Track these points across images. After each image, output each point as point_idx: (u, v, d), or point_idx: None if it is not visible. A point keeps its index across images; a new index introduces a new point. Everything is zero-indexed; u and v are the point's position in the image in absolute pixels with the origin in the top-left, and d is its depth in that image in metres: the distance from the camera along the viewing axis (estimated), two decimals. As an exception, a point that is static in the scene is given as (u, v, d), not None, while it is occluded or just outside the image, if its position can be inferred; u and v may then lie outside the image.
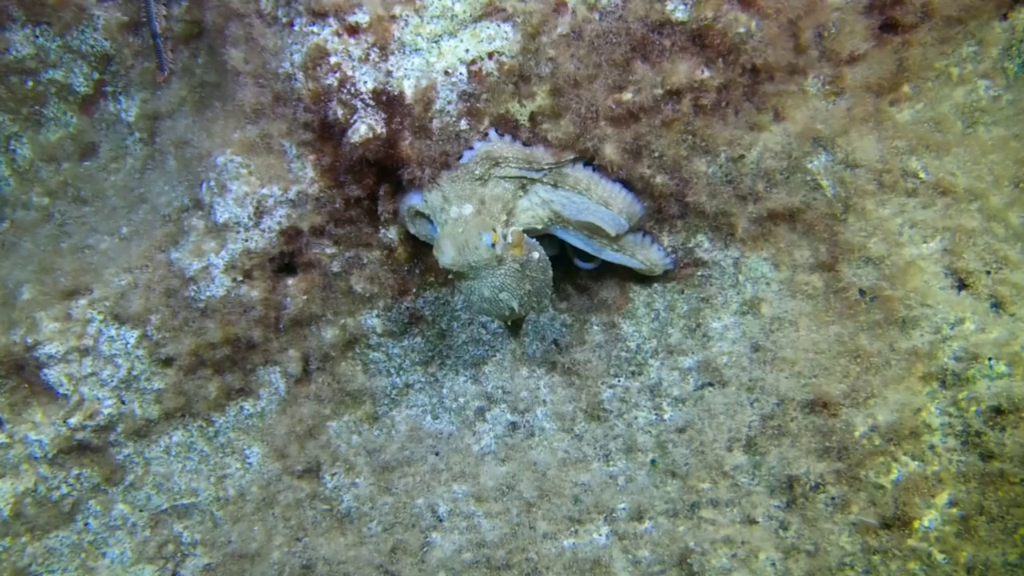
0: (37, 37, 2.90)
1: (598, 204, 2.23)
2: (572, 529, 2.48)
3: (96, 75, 2.97)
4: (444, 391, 2.69)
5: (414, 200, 2.29)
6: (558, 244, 2.49)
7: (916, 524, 2.05)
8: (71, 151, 3.05)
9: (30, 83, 2.96)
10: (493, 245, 2.11)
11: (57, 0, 2.85)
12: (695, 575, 2.25)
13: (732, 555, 2.20)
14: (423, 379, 2.69)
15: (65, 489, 2.47)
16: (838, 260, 2.25)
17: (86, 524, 2.51)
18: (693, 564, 2.25)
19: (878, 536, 2.07)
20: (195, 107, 2.82)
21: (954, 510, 2.05)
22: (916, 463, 2.07)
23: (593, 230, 2.30)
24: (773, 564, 2.17)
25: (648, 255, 2.39)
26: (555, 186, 2.23)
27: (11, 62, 2.91)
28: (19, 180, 3.05)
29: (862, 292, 2.20)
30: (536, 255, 2.22)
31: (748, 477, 2.29)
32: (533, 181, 2.22)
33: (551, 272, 2.28)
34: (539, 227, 2.30)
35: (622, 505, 2.46)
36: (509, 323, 2.64)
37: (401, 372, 2.68)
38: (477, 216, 2.15)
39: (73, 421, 2.42)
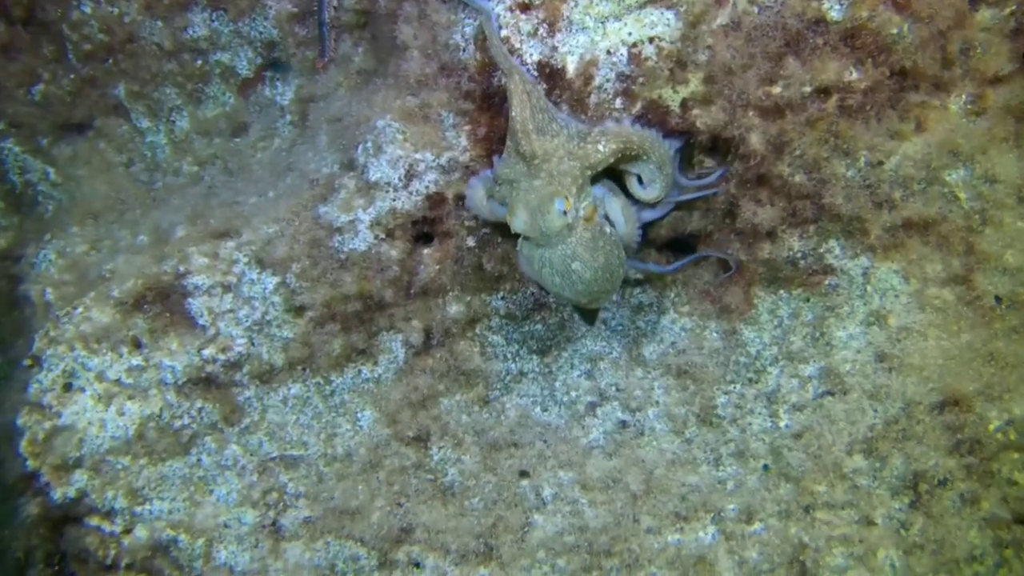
0: (213, 21, 3.13)
1: (657, 169, 2.30)
2: (678, 526, 2.48)
3: (259, 60, 3.20)
4: (557, 384, 2.74)
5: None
6: None
7: (1054, 520, 2.02)
8: (224, 128, 3.26)
9: (199, 62, 3.20)
10: (565, 212, 2.16)
11: (236, -13, 3.10)
12: (807, 574, 2.23)
13: (848, 553, 2.18)
14: (537, 369, 2.75)
15: (187, 420, 2.57)
16: (973, 270, 2.27)
17: (199, 459, 2.59)
18: (806, 561, 2.23)
19: (1011, 530, 2.03)
20: (350, 91, 3.01)
21: (1096, 509, 2.01)
22: (1056, 460, 2.04)
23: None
24: (893, 565, 2.14)
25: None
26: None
27: (187, 41, 3.14)
28: (173, 149, 3.27)
29: (998, 299, 2.22)
30: (608, 229, 2.26)
31: (868, 479, 2.27)
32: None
33: (623, 254, 2.31)
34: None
35: (731, 506, 2.45)
36: (581, 309, 2.63)
37: (517, 359, 2.75)
38: (548, 186, 2.20)
39: (207, 352, 2.53)
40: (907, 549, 2.16)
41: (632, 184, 2.40)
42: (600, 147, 2.24)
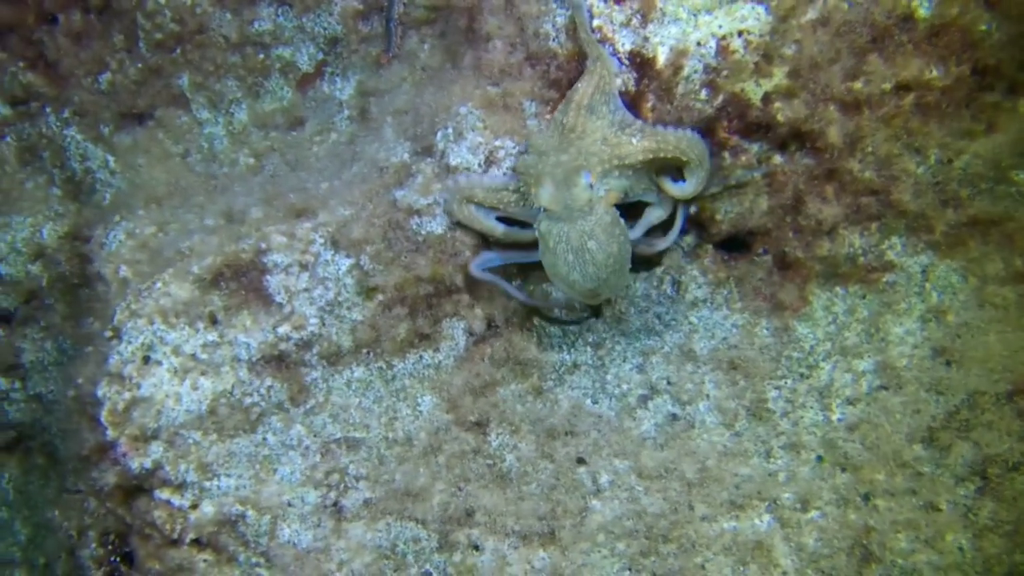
0: (279, 16, 3.19)
1: (697, 167, 2.38)
2: (732, 514, 2.51)
3: (321, 56, 3.25)
4: (608, 376, 2.77)
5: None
6: None
7: None
8: (280, 123, 3.30)
9: (261, 56, 3.24)
10: (591, 186, 2.23)
11: (305, -18, 3.16)
12: (872, 558, 2.26)
13: (914, 537, 2.22)
14: (591, 361, 2.79)
15: (256, 398, 2.57)
16: (1041, 263, 2.36)
17: (265, 438, 2.59)
18: (870, 545, 2.27)
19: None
20: (415, 86, 3.07)
21: None
22: None
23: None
24: (961, 548, 2.18)
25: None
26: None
27: (252, 35, 3.19)
28: (231, 140, 3.31)
29: (1066, 292, 2.30)
30: (623, 222, 2.33)
31: (931, 467, 2.32)
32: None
33: (631, 251, 2.37)
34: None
35: (786, 495, 2.49)
36: (587, 299, 2.61)
37: (573, 350, 2.79)
38: (575, 160, 2.27)
39: (282, 330, 2.55)
40: (977, 532, 2.21)
41: (665, 181, 2.47)
42: (633, 140, 2.32)
